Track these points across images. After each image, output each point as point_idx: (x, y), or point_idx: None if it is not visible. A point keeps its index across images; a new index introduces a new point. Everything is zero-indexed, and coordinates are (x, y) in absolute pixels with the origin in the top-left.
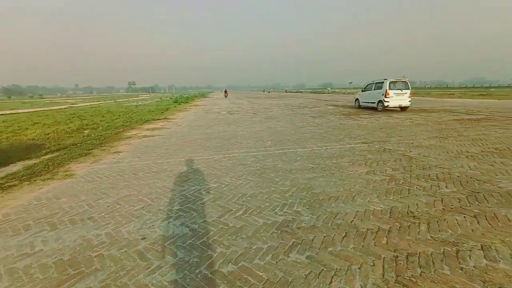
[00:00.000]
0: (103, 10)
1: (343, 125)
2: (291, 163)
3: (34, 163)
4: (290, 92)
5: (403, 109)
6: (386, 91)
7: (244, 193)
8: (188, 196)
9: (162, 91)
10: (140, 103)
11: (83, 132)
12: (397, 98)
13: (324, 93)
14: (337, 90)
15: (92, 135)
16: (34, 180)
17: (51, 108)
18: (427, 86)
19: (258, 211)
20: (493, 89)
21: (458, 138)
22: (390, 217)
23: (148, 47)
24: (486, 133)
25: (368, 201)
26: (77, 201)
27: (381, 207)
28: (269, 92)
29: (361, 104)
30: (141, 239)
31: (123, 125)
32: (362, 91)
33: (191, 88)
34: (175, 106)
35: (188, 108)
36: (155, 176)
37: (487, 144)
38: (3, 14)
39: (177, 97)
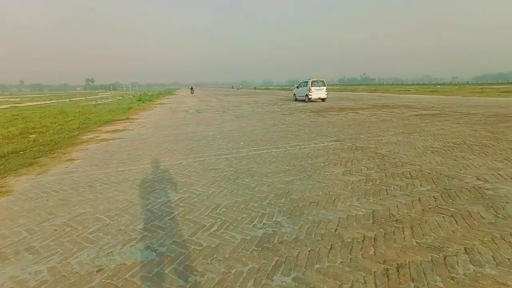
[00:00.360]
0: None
1: (314, 122)
2: (266, 165)
3: None
4: (259, 89)
5: (323, 100)
6: (309, 88)
7: (218, 203)
8: (154, 211)
9: (124, 88)
10: (100, 102)
11: (28, 137)
12: (317, 93)
13: (291, 89)
14: None
15: (40, 140)
16: None
17: None
18: (384, 83)
19: (234, 224)
20: (439, 86)
21: (421, 134)
22: (373, 223)
23: (108, 41)
24: (443, 127)
25: (349, 205)
26: (13, 226)
27: (363, 212)
28: (238, 89)
29: (297, 97)
30: (96, 271)
31: (78, 127)
32: (297, 88)
33: (156, 85)
34: (138, 105)
35: (153, 106)
36: (115, 187)
37: (446, 139)
38: None
39: (140, 95)
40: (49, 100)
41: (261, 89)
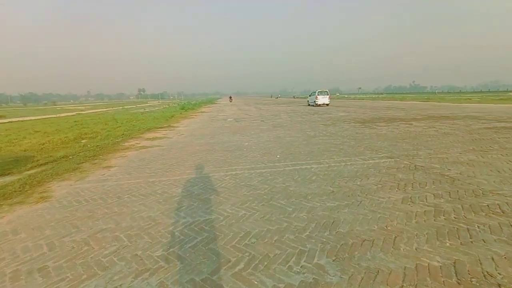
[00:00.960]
0: (113, 18)
1: (360, 134)
2: (305, 184)
3: (11, 181)
4: (298, 98)
5: (326, 105)
6: (316, 96)
7: (247, 230)
8: (176, 234)
9: (171, 97)
10: (147, 110)
11: (80, 142)
12: (322, 99)
13: (333, 98)
14: (345, 96)
15: (88, 146)
16: (0, 205)
17: (59, 115)
18: (436, 91)
19: (265, 263)
20: (511, 93)
21: (502, 152)
22: (458, 283)
23: (158, 54)
24: None
25: (416, 249)
26: (39, 238)
27: (439, 262)
28: (277, 97)
29: (309, 103)
30: None
31: (123, 134)
32: (309, 96)
33: (199, 95)
34: (180, 113)
35: (194, 115)
36: (142, 201)
37: None
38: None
39: (184, 103)
40: (106, 108)
41: (301, 98)
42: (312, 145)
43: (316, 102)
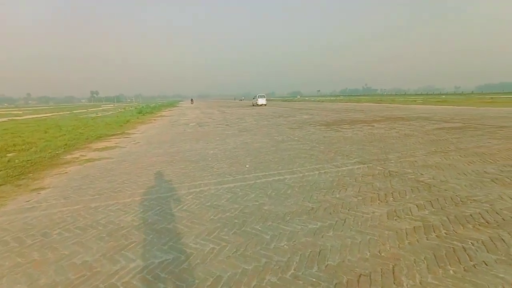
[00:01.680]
0: (64, 12)
1: (328, 138)
2: (281, 200)
3: None
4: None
5: (264, 105)
6: (257, 99)
7: (217, 274)
8: None
9: (128, 100)
10: (100, 115)
11: (6, 156)
12: (261, 101)
13: (294, 101)
14: (306, 98)
15: (16, 161)
16: None
17: None
18: (384, 93)
19: None
20: (444, 96)
21: (460, 153)
22: None
23: (112, 54)
24: (482, 144)
25: (420, 283)
26: None
27: None
28: (240, 100)
29: (253, 104)
30: None
31: (66, 144)
32: (253, 98)
33: (159, 97)
34: (137, 118)
35: (153, 119)
36: (77, 238)
37: (498, 160)
38: None
39: (142, 107)
40: (50, 113)
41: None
42: (282, 152)
43: (257, 103)
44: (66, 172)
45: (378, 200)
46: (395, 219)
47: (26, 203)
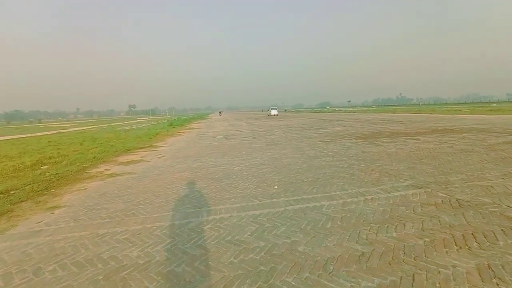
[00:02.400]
0: (103, 33)
1: (367, 154)
2: (319, 239)
3: None
4: (289, 111)
5: (275, 115)
6: (270, 110)
7: None
8: None
9: (162, 113)
10: (134, 127)
11: (40, 169)
12: (273, 112)
13: (324, 111)
14: (336, 109)
15: (47, 174)
16: None
17: (38, 134)
18: (420, 102)
19: None
20: (495, 104)
21: None
22: None
23: (149, 70)
24: None
25: None
26: None
27: None
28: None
29: (267, 114)
30: None
31: (95, 157)
32: (267, 110)
33: (191, 110)
34: (167, 131)
35: (182, 132)
36: (69, 279)
37: None
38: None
39: (173, 119)
40: (92, 125)
41: (292, 111)
42: (316, 169)
43: (269, 113)
44: (86, 189)
45: (455, 244)
46: (496, 283)
47: (36, 225)
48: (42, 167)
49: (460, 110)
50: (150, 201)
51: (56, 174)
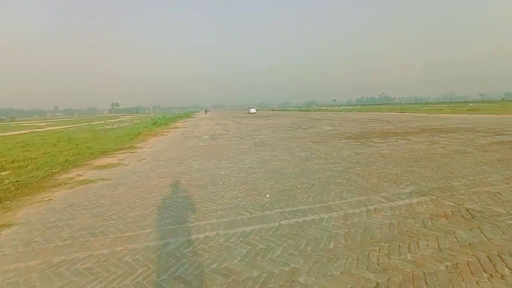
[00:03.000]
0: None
1: (361, 155)
2: (323, 264)
3: None
4: (276, 110)
5: (254, 113)
6: (250, 108)
7: None
8: None
9: (147, 111)
10: (115, 126)
11: None
12: (252, 110)
13: (310, 110)
14: (322, 108)
15: (5, 181)
16: None
17: (7, 133)
18: (402, 102)
19: None
20: (471, 104)
21: None
22: None
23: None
24: None
25: None
26: None
27: None
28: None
29: (248, 112)
30: None
31: (67, 160)
32: (248, 108)
33: (176, 108)
34: (150, 130)
35: (166, 131)
36: None
37: None
38: None
39: (157, 118)
40: (71, 124)
41: (279, 110)
42: (309, 174)
43: (249, 112)
44: (49, 199)
45: (484, 271)
46: None
47: None
48: (1, 173)
49: (441, 109)
50: (123, 214)
51: (16, 181)
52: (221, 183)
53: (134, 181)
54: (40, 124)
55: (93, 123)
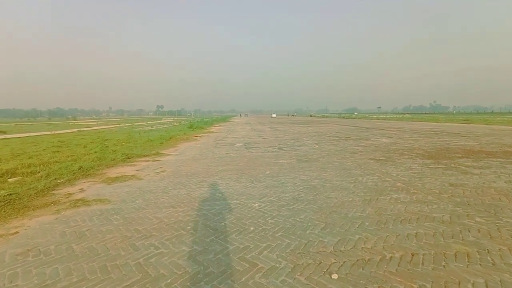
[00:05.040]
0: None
1: (463, 189)
2: None
3: None
4: (315, 116)
5: (274, 117)
6: (289, 114)
7: None
8: None
9: (188, 114)
10: (154, 127)
11: (6, 181)
12: (274, 115)
13: (353, 118)
14: (366, 115)
15: (1, 192)
16: None
17: (59, 131)
18: (459, 111)
19: None
20: None
21: None
22: None
23: (176, 72)
24: None
25: None
26: None
27: None
28: (293, 115)
29: (271, 116)
30: None
31: (81, 167)
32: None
33: (216, 112)
34: (184, 133)
35: (199, 136)
36: None
37: None
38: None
39: (195, 121)
40: (116, 124)
41: (318, 116)
42: (394, 224)
43: (271, 116)
44: (15, 233)
45: None
46: None
47: None
48: (9, 180)
49: None
50: (91, 284)
51: (8, 194)
52: (252, 228)
53: (137, 209)
54: (91, 123)
55: (135, 123)
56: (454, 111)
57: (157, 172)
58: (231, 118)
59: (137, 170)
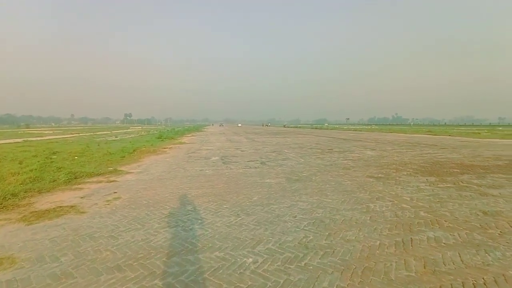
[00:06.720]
0: (100, 40)
1: (499, 221)
2: None
3: None
4: (289, 127)
5: (267, 126)
6: (264, 124)
7: None
8: None
9: (158, 123)
10: (118, 138)
11: None
12: (239, 124)
13: (324, 128)
14: (336, 126)
15: None
16: None
17: (1, 142)
18: (412, 124)
19: None
20: (500, 128)
21: None
22: None
23: (145, 79)
24: None
25: None
26: None
27: None
28: (267, 125)
29: (237, 125)
30: None
31: (1, 194)
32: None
33: (188, 121)
34: (151, 145)
35: (168, 148)
36: None
37: None
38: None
39: (165, 131)
40: (74, 134)
41: (291, 127)
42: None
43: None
44: None
45: None
46: None
47: None
48: None
49: (478, 133)
50: None
51: None
52: None
53: (57, 279)
54: (46, 131)
55: (98, 133)
56: (412, 123)
57: (107, 201)
58: (205, 127)
59: (81, 197)
